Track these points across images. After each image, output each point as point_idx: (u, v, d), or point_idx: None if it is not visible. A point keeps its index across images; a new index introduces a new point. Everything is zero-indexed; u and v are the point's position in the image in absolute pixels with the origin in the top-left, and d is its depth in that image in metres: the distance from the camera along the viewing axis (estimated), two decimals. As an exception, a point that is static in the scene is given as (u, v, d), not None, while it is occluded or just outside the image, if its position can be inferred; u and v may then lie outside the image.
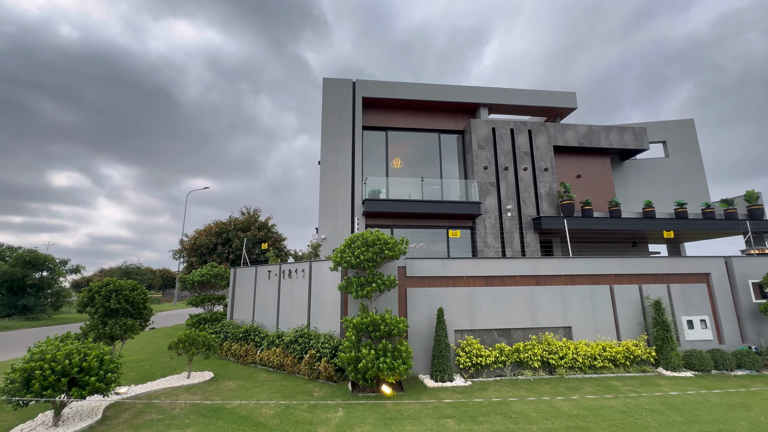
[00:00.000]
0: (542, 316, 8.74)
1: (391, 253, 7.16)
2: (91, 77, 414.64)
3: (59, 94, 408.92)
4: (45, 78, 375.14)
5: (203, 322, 11.42)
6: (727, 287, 9.55)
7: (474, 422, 5.43)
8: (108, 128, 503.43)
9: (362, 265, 7.08)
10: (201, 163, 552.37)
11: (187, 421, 5.61)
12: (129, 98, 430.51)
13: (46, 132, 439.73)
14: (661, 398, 6.42)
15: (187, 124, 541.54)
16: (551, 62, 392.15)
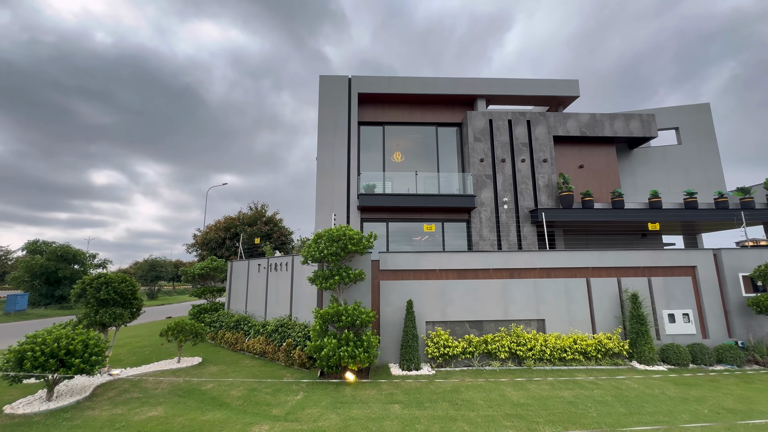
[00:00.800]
0: (515, 309, 8.84)
1: (354, 248, 7.50)
2: (124, 80, 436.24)
3: (97, 97, 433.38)
4: (83, 82, 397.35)
5: (204, 311, 12.25)
6: (715, 281, 9.25)
7: (419, 408, 5.74)
8: (141, 128, 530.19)
9: (326, 258, 7.46)
10: (228, 159, 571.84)
11: (162, 400, 6.24)
12: (159, 99, 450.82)
13: (86, 133, 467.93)
14: (616, 391, 6.47)
15: (213, 123, 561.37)
16: (577, 46, 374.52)
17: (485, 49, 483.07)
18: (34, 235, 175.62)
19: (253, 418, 5.42)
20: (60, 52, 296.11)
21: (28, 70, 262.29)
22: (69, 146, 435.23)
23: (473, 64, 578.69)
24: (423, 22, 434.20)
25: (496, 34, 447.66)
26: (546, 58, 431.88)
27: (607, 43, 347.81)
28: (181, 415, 5.54)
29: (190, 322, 8.73)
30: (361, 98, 17.09)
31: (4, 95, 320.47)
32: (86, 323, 7.12)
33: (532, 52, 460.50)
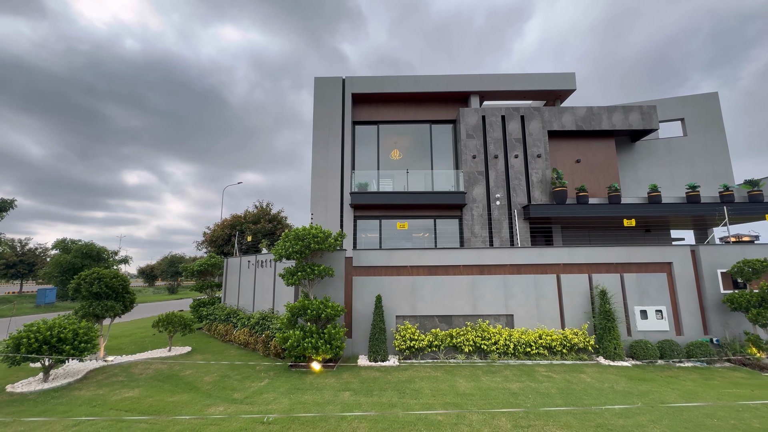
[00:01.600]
0: (483, 304, 9.07)
1: (318, 246, 7.97)
2: (152, 84, 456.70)
3: (127, 101, 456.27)
4: (115, 87, 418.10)
5: (202, 305, 13.09)
6: (692, 277, 9.12)
7: (366, 395, 6.16)
8: (169, 130, 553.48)
9: (291, 256, 7.95)
10: (250, 157, 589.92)
11: (141, 384, 6.94)
12: (185, 101, 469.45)
13: (119, 136, 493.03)
14: (566, 384, 6.65)
15: (236, 122, 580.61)
16: (601, 33, 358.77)
17: (504, 40, 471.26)
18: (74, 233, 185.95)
19: (214, 401, 6.00)
20: (93, 59, 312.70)
21: (65, 77, 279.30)
22: (103, 148, 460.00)
23: (492, 57, 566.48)
24: (440, 17, 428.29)
25: (515, 25, 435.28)
26: (568, 47, 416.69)
27: (634, 28, 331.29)
28: (152, 397, 6.20)
29: (179, 315, 9.48)
30: (355, 98, 17.41)
31: (44, 102, 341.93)
32: (81, 314, 7.95)
33: (553, 41, 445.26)
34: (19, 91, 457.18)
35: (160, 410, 5.56)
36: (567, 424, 4.90)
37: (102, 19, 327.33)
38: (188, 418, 5.21)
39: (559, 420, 5.02)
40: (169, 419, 5.20)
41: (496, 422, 4.98)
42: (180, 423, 5.06)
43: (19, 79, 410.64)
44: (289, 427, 4.89)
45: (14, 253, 40.31)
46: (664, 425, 4.84)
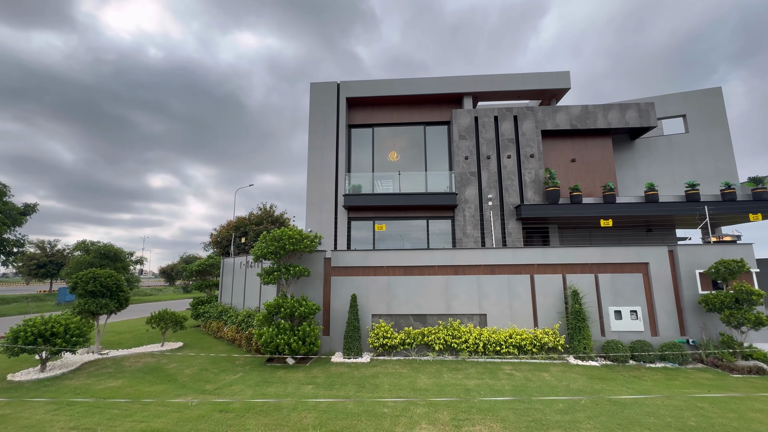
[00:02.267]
0: (457, 304, 9.27)
1: (293, 247, 8.38)
2: (174, 91, 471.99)
3: (151, 107, 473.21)
4: (139, 94, 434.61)
5: (200, 303, 13.77)
6: (669, 278, 9.05)
7: (327, 389, 6.51)
8: (190, 134, 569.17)
9: (267, 257, 8.40)
10: (268, 160, 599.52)
11: (127, 375, 7.52)
12: (205, 106, 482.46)
13: (143, 141, 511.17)
14: (524, 382, 6.81)
15: (254, 126, 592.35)
16: (621, 26, 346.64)
17: (519, 38, 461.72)
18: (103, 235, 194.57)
19: (186, 391, 6.49)
20: (119, 68, 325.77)
21: (93, 86, 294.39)
22: (130, 153, 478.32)
23: (507, 55, 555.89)
24: (453, 17, 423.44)
25: (530, 21, 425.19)
26: (586, 41, 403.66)
27: (656, 20, 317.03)
28: (132, 387, 6.75)
29: (171, 312, 10.10)
30: (351, 102, 17.79)
31: (74, 110, 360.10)
32: (78, 311, 8.64)
33: (571, 36, 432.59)
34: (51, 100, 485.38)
35: (135, 398, 6.08)
36: (504, 418, 5.11)
37: (126, 30, 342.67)
38: (156, 406, 5.70)
39: (498, 414, 5.23)
40: (138, 406, 5.70)
41: (437, 415, 5.24)
42: (147, 410, 5.55)
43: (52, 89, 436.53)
44: (244, 416, 5.29)
45: (44, 253, 42.77)
46: (598, 422, 4.98)
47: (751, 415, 5.17)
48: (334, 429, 4.83)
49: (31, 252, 42.13)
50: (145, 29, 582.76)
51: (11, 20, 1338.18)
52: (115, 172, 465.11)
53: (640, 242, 17.11)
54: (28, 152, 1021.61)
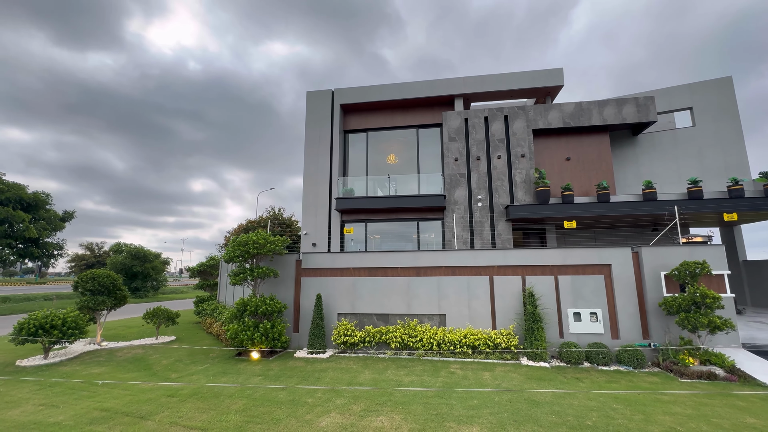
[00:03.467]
0: (417, 304, 9.60)
1: (257, 251, 9.09)
2: (212, 100, 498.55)
3: (191, 116, 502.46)
4: (180, 105, 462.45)
5: (202, 301, 14.95)
6: (632, 280, 8.87)
7: (272, 381, 7.14)
8: (227, 140, 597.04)
9: (235, 260, 9.17)
10: (299, 162, 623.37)
11: (113, 363, 8.56)
12: (240, 113, 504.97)
13: (185, 148, 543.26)
14: (458, 380, 7.08)
15: (285, 130, 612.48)
16: (661, 12, 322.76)
17: (548, 30, 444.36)
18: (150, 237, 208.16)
19: (153, 378, 7.36)
20: (162, 82, 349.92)
21: (140, 99, 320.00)
22: (173, 160, 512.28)
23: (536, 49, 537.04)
24: (478, 14, 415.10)
25: (560, 13, 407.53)
26: (621, 30, 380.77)
27: (700, 4, 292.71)
28: (110, 374, 7.73)
29: (164, 309, 11.19)
30: (346, 108, 18.39)
31: (124, 122, 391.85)
32: (79, 307, 9.86)
33: (605, 26, 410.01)
34: (104, 114, 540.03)
35: (111, 386, 7.01)
36: (411, 411, 5.48)
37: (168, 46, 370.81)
38: (119, 390, 6.58)
39: (408, 408, 5.60)
40: (105, 389, 6.60)
41: (352, 406, 5.69)
42: (110, 393, 6.43)
43: (104, 104, 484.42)
44: (185, 400, 6.02)
45: (93, 254, 47.15)
46: (497, 417, 5.22)
47: (658, 418, 5.19)
48: (253, 414, 5.42)
49: (80, 253, 46.46)
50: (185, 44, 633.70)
51: (70, 44, 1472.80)
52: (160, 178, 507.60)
53: (640, 242, 16.51)
54: (84, 162, 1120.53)
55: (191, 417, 5.33)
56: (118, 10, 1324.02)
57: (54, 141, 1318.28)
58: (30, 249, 21.22)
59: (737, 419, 5.15)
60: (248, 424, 5.08)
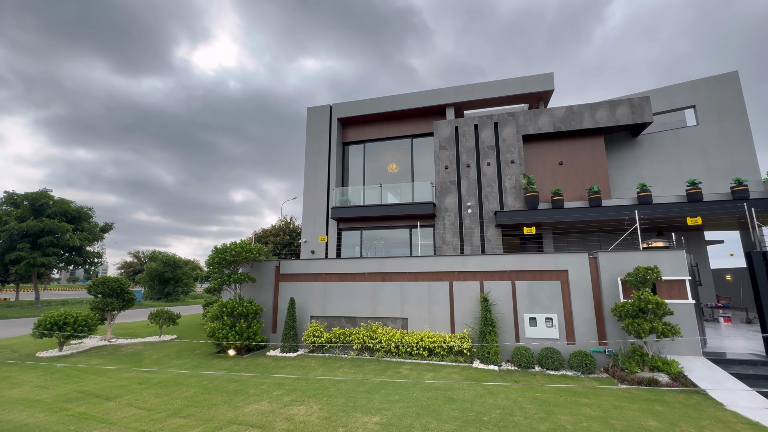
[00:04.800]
0: (382, 308, 10.14)
1: (233, 258, 10.09)
2: (250, 116, 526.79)
3: (232, 132, 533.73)
4: (222, 121, 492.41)
5: (208, 304, 16.34)
6: (588, 285, 8.87)
7: (228, 371, 7.99)
8: (264, 153, 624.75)
9: (213, 266, 10.22)
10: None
11: (112, 357, 9.85)
12: (276, 127, 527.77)
13: (226, 161, 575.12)
14: (398, 379, 7.55)
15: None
16: (703, 3, 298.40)
17: (582, 28, 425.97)
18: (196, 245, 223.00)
19: (135, 368, 8.48)
20: (206, 101, 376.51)
21: (186, 118, 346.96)
22: (216, 173, 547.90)
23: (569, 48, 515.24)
24: (507, 17, 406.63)
25: (594, 10, 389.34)
26: (662, 24, 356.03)
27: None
28: (105, 365, 8.96)
29: (166, 311, 12.53)
30: (344, 122, 19.38)
31: (172, 139, 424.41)
32: (91, 307, 11.36)
33: (643, 21, 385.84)
34: (155, 132, 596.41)
35: (96, 372, 8.21)
36: (331, 403, 6.07)
37: (211, 68, 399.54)
38: (103, 377, 7.72)
39: (331, 399, 6.20)
40: (92, 376, 7.77)
41: (284, 397, 6.38)
42: (94, 379, 7.58)
43: (156, 123, 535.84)
44: (151, 387, 7.01)
45: (139, 262, 51.75)
46: (405, 410, 5.68)
47: (558, 417, 5.41)
48: (196, 400, 6.27)
49: (128, 260, 50.94)
50: (226, 66, 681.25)
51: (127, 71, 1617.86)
52: (205, 190, 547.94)
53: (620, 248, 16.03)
54: (139, 177, 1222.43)
55: (145, 400, 6.27)
56: (168, 39, 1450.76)
57: (113, 159, 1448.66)
58: (74, 257, 24.06)
59: (638, 422, 5.25)
60: (187, 407, 5.92)
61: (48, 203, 22.66)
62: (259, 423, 5.23)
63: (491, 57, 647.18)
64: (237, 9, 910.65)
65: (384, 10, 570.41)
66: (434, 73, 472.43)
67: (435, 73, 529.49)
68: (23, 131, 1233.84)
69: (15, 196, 22.30)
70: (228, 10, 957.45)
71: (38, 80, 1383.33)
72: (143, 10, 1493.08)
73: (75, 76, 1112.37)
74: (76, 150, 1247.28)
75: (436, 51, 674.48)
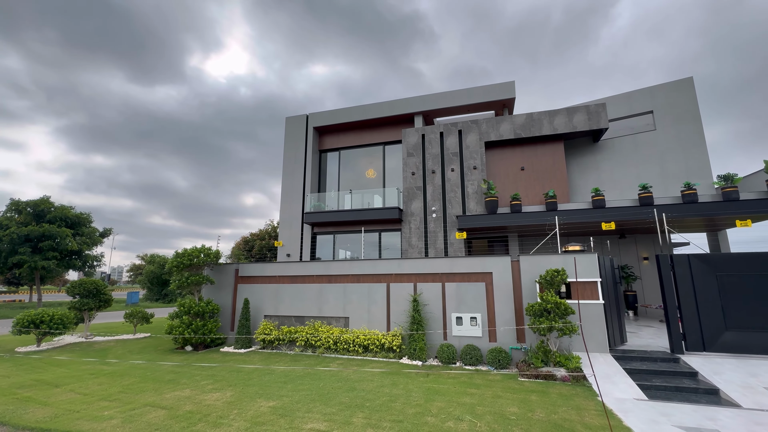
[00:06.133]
0: (327, 308, 10.91)
1: (189, 262, 11.00)
2: (261, 122, 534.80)
3: (244, 137, 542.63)
4: (234, 127, 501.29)
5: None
6: (510, 287, 9.49)
7: (179, 366, 8.86)
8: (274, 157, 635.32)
9: (172, 270, 11.15)
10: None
11: (83, 352, 10.84)
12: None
13: (239, 166, 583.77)
14: (323, 372, 8.30)
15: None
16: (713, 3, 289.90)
17: (588, 29, 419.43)
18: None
19: (97, 360, 9.42)
20: (218, 108, 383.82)
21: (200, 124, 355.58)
22: (228, 177, 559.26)
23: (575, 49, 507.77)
24: (513, 20, 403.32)
25: (601, 11, 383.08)
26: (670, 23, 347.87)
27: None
28: (72, 359, 9.93)
29: (140, 310, 13.53)
30: (320, 130, 20.26)
31: (187, 145, 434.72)
32: (68, 307, 12.41)
33: (651, 20, 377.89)
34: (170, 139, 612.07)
35: (60, 365, 9.18)
36: (244, 390, 6.86)
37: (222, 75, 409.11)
38: (63, 368, 8.67)
39: (246, 389, 6.99)
40: (54, 367, 8.73)
41: (209, 385, 7.21)
42: (56, 370, 8.53)
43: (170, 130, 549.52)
44: (99, 376, 7.91)
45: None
46: (301, 395, 6.44)
47: (434, 404, 6.09)
48: (131, 387, 7.14)
49: (137, 263, 52.74)
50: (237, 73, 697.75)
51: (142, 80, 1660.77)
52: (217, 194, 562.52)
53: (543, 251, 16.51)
54: (154, 181, 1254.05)
55: (88, 387, 7.17)
56: (181, 49, 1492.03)
57: (130, 164, 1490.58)
58: (73, 260, 25.51)
59: (502, 409, 5.90)
60: (119, 393, 6.79)
61: (48, 209, 24.15)
62: (169, 405, 6.07)
63: (498, 59, 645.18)
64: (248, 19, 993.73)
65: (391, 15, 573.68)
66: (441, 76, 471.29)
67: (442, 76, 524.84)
68: (44, 139, 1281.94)
69: (19, 203, 23.87)
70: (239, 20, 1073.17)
71: (59, 90, 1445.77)
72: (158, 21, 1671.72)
73: (93, 85, 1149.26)
74: (94, 156, 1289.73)
75: (442, 55, 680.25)
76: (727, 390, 6.62)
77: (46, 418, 5.53)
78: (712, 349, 8.18)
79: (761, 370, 7.23)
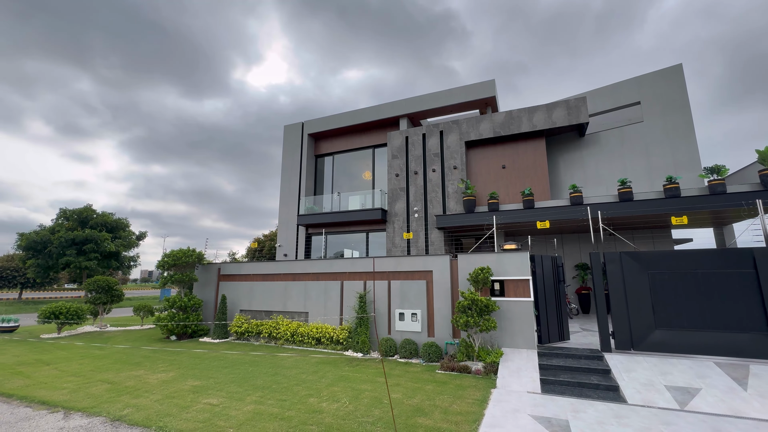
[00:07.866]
0: (291, 304, 11.90)
1: (176, 261, 12.49)
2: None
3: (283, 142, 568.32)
4: (274, 133, 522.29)
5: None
6: (448, 284, 9.86)
7: (155, 353, 10.27)
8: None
9: (161, 268, 12.69)
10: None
11: (91, 339, 12.72)
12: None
13: (278, 169, 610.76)
14: (270, 359, 9.29)
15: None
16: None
17: (633, 13, 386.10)
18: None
19: (99, 345, 11.13)
20: (260, 116, 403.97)
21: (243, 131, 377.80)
22: (269, 180, 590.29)
23: (619, 35, 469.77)
24: (548, 11, 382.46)
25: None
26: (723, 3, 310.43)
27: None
28: (80, 343, 11.76)
29: (146, 304, 15.42)
30: (315, 136, 21.43)
31: (232, 151, 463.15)
32: (84, 301, 14.50)
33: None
34: (217, 147, 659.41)
35: (65, 348, 10.98)
36: (188, 372, 8.00)
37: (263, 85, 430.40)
38: (63, 351, 10.41)
39: (191, 371, 8.14)
40: (55, 349, 10.50)
41: (161, 366, 8.45)
42: (57, 352, 10.28)
43: (217, 138, 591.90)
44: (88, 357, 9.48)
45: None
46: (228, 377, 7.44)
47: (331, 389, 6.82)
48: (100, 366, 8.57)
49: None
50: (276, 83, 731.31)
51: (193, 95, 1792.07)
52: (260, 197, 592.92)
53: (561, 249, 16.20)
54: (204, 187, 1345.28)
55: (69, 366, 8.70)
56: (226, 64, 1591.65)
57: (183, 172, 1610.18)
58: (111, 261, 28.94)
59: (383, 394, 6.49)
60: (89, 371, 8.21)
61: (91, 216, 27.63)
62: (117, 381, 7.33)
63: (533, 52, 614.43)
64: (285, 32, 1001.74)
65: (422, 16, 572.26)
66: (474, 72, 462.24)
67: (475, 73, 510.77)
68: (111, 152, 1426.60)
69: (66, 211, 27.61)
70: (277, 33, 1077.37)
71: (122, 108, 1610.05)
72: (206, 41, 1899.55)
73: (151, 102, 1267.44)
74: (152, 166, 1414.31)
75: (475, 51, 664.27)
76: (625, 387, 6.69)
77: (19, 387, 6.99)
78: (641, 348, 8.08)
79: (675, 369, 7.14)
